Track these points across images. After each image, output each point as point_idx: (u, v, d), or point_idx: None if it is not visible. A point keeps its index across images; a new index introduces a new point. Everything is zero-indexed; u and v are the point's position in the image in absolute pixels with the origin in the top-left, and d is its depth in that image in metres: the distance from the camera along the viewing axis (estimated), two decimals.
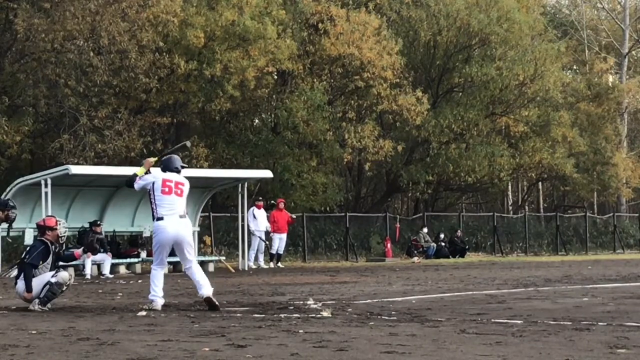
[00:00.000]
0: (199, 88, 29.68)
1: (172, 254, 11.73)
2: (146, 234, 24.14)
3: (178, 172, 11.53)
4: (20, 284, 11.68)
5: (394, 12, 37.00)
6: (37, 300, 11.38)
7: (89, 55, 26.65)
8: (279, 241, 26.25)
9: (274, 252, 26.28)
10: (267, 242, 25.92)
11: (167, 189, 11.19)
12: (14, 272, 20.94)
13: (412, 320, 9.63)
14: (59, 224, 12.00)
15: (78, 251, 12.46)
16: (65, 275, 11.63)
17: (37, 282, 11.52)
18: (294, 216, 27.53)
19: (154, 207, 11.23)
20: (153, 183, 11.26)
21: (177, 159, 11.71)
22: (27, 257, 11.78)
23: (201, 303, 12.11)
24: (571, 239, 40.81)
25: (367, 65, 32.17)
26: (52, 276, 11.45)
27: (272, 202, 27.19)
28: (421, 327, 8.87)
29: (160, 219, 11.18)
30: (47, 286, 11.39)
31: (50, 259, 11.71)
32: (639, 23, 52.34)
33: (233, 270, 23.59)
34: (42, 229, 12.01)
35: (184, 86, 29.54)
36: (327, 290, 15.04)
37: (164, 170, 11.52)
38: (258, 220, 25.72)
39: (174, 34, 28.70)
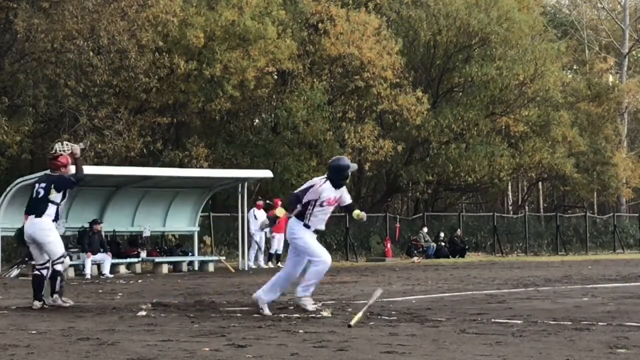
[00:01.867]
0: (199, 88, 29.68)
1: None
2: (146, 233, 24.15)
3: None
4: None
5: (393, 12, 37.01)
6: (56, 296, 11.57)
7: (88, 55, 26.64)
8: (277, 241, 26.26)
9: (272, 252, 26.29)
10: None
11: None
12: (14, 272, 21.06)
13: (412, 320, 9.63)
14: (60, 149, 11.88)
15: None
16: (67, 261, 12.00)
17: (58, 241, 11.66)
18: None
19: None
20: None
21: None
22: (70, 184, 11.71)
23: (201, 302, 12.10)
24: (571, 239, 40.81)
25: (367, 65, 32.16)
26: (57, 263, 11.59)
27: (268, 202, 26.99)
28: (421, 327, 8.87)
29: None
30: (59, 277, 11.60)
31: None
32: (639, 23, 52.34)
33: (233, 270, 23.60)
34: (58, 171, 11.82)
35: (184, 86, 29.54)
36: (327, 290, 15.03)
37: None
38: (259, 220, 25.70)
39: (173, 34, 28.69)
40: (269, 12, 30.28)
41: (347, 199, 10.94)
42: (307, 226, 10.64)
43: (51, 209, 11.52)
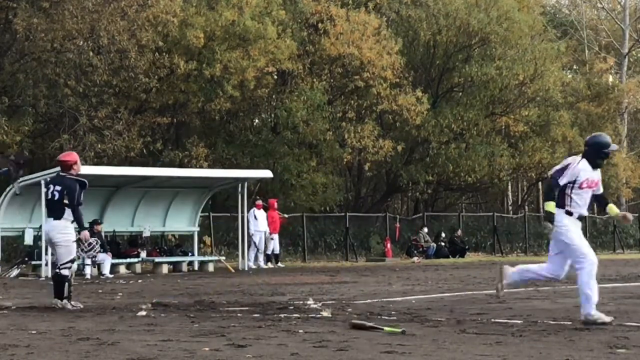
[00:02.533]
0: (199, 88, 29.67)
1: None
2: (146, 234, 24.15)
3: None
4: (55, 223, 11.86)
5: (393, 11, 36.99)
6: (65, 301, 11.62)
7: (88, 55, 26.64)
8: (275, 242, 26.31)
9: (269, 252, 26.32)
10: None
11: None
12: (14, 272, 21.07)
13: (412, 320, 9.63)
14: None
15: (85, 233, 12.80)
16: (74, 267, 12.24)
17: (72, 246, 11.90)
18: (286, 215, 27.61)
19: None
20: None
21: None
22: (71, 200, 11.81)
23: (201, 302, 12.08)
24: None
25: (367, 65, 32.15)
26: (64, 267, 11.71)
27: (263, 202, 26.84)
28: (421, 327, 8.87)
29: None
30: (67, 282, 11.72)
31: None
32: (639, 23, 52.34)
33: (233, 270, 23.60)
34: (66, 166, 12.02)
35: (184, 86, 29.53)
36: (327, 290, 15.04)
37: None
38: (259, 220, 25.75)
39: (173, 34, 28.68)
40: (269, 12, 30.27)
41: (600, 188, 9.54)
42: (569, 213, 9.20)
43: (68, 213, 11.82)
